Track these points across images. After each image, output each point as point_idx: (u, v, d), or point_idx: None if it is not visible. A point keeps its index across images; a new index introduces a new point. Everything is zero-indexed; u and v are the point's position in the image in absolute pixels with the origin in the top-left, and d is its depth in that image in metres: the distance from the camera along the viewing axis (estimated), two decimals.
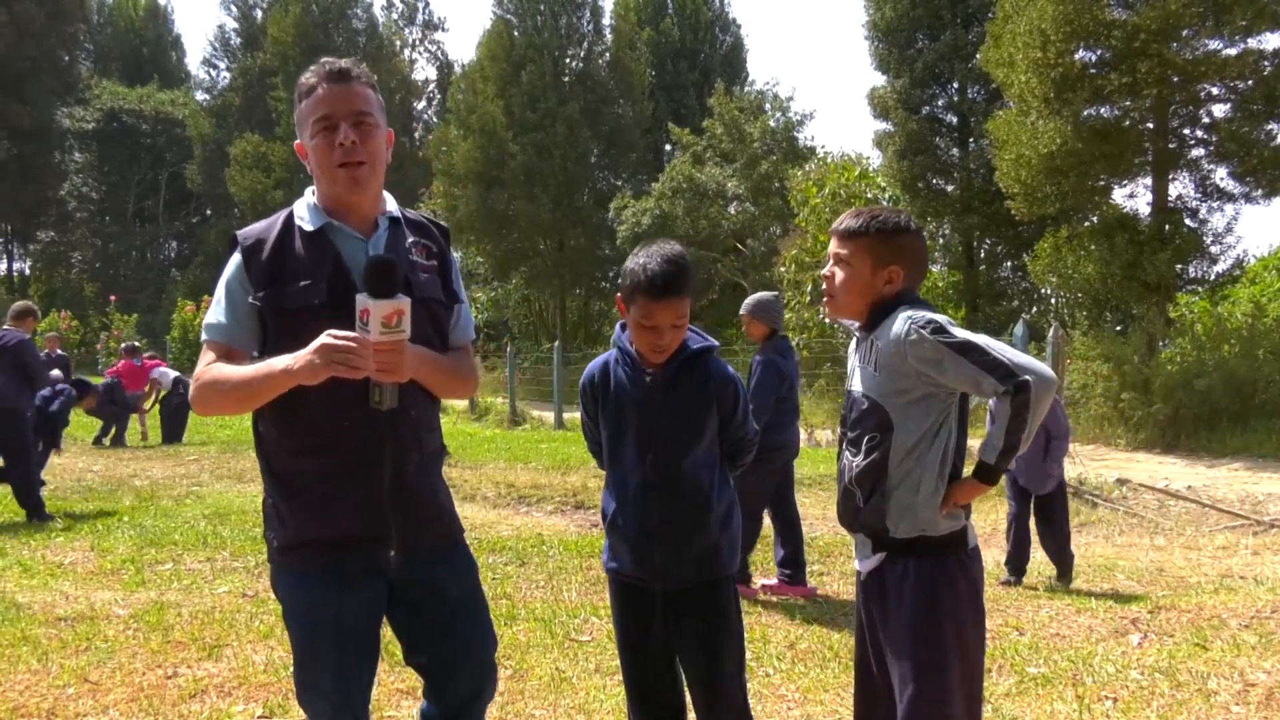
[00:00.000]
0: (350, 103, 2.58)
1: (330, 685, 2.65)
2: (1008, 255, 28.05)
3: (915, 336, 2.65)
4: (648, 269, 2.97)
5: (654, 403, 3.10)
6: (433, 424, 2.80)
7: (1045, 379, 2.59)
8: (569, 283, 39.80)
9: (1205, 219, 19.60)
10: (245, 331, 2.62)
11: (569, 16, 38.82)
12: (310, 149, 2.63)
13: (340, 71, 2.60)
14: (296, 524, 2.63)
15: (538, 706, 4.47)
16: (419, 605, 2.72)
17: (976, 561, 2.80)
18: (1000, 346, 2.64)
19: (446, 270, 2.81)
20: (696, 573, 3.12)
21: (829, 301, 2.94)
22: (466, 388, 2.89)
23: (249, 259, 2.63)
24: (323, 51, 51.10)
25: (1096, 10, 16.42)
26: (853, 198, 19.78)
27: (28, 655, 5.13)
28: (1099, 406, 16.77)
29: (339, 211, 2.65)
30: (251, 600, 6.34)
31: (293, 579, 2.67)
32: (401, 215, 2.77)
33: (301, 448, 2.61)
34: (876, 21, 26.84)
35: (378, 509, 2.61)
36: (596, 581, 6.96)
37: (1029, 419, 2.59)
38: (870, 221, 2.82)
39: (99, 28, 61.82)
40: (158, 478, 12.01)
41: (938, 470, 2.72)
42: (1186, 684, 4.75)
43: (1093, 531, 9.13)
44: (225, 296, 2.65)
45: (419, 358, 2.56)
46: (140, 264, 57.63)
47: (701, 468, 3.13)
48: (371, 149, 2.61)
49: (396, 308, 2.41)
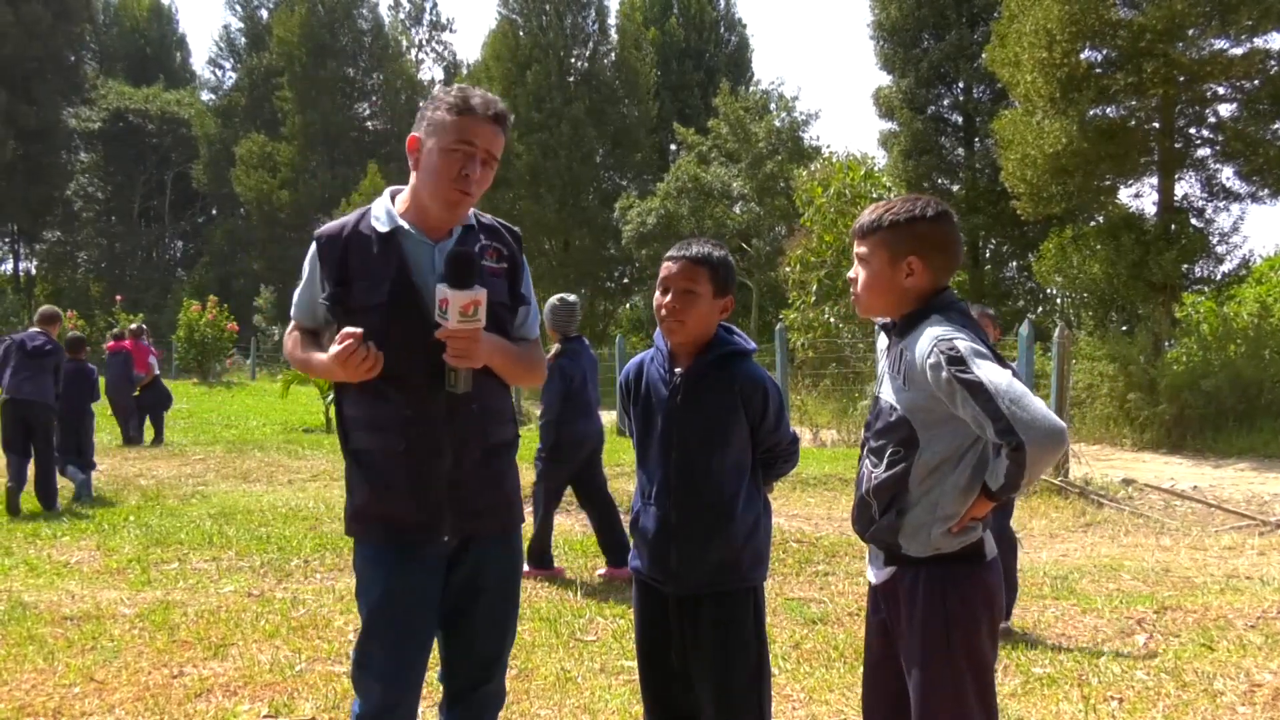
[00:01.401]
0: (491, 143, 2.76)
1: (389, 666, 2.74)
2: (1013, 255, 28.08)
3: (935, 360, 2.55)
4: (679, 244, 3.15)
5: (679, 401, 3.09)
6: (502, 415, 2.91)
7: (1046, 442, 2.44)
8: (574, 282, 39.80)
9: (1211, 219, 19.61)
10: (318, 318, 2.87)
11: (574, 16, 38.89)
12: (437, 158, 2.72)
13: (499, 115, 2.76)
14: (361, 497, 2.80)
15: (543, 706, 4.47)
16: (453, 585, 2.81)
17: (993, 572, 2.73)
18: (1011, 394, 2.46)
19: (516, 273, 2.92)
20: (712, 580, 3.08)
21: (855, 302, 2.86)
22: (534, 375, 3.05)
23: (323, 256, 2.82)
24: (328, 52, 51.26)
25: (1102, 10, 16.42)
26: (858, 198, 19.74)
27: (34, 654, 5.14)
28: (1105, 406, 16.76)
29: (419, 218, 2.79)
30: (257, 600, 6.34)
31: (366, 556, 2.82)
32: (476, 220, 2.89)
33: (368, 427, 2.77)
34: (882, 21, 26.86)
35: (433, 497, 2.72)
36: (602, 581, 6.96)
37: (1024, 475, 2.48)
38: (883, 215, 2.72)
39: (104, 28, 61.94)
40: (163, 477, 12.02)
41: (958, 495, 2.62)
42: (1192, 684, 4.74)
43: (1098, 531, 9.12)
44: (304, 284, 2.88)
45: (493, 345, 2.73)
46: (146, 263, 57.71)
47: (727, 473, 3.09)
48: (485, 183, 2.78)
49: (474, 298, 2.58)
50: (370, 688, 2.76)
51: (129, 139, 55.08)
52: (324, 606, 6.03)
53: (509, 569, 2.93)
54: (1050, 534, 8.96)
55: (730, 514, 3.08)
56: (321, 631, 5.54)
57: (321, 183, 48.99)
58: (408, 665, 2.76)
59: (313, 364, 2.80)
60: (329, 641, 5.31)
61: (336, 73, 52.19)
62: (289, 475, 12.56)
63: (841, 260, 19.15)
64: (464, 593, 2.82)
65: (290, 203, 48.50)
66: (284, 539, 8.31)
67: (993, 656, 2.74)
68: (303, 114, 50.76)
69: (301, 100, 50.98)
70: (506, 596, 2.92)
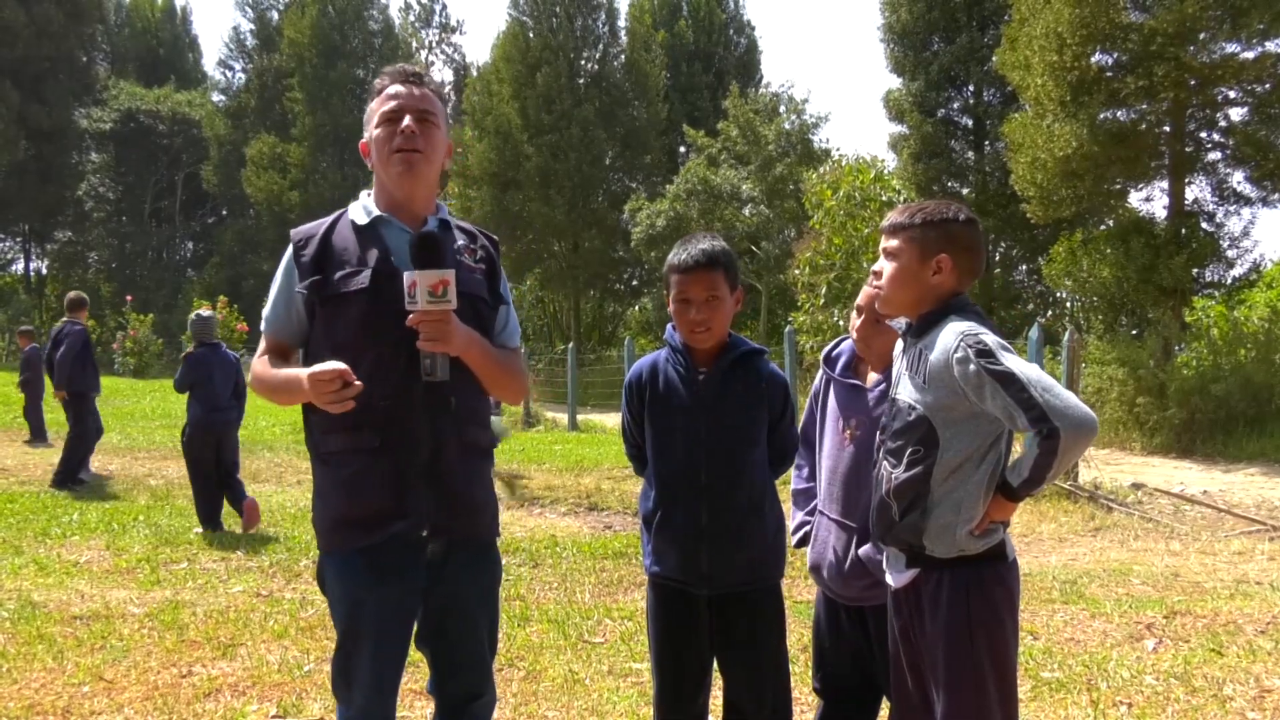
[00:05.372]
0: (417, 101, 2.75)
1: (364, 675, 2.71)
2: (1023, 259, 28.03)
3: (962, 354, 2.57)
4: (678, 249, 3.13)
5: (707, 401, 3.09)
6: (477, 418, 2.84)
7: (1080, 429, 2.47)
8: (583, 284, 39.87)
9: (1222, 223, 19.57)
10: (293, 324, 2.79)
11: (584, 19, 38.91)
12: (373, 141, 2.78)
13: (413, 74, 2.79)
14: (333, 502, 2.74)
15: (551, 708, 4.48)
16: (432, 600, 2.76)
17: (1014, 574, 2.74)
18: (1043, 383, 2.51)
19: (494, 275, 2.91)
20: (745, 578, 3.10)
21: (879, 298, 2.87)
22: (515, 386, 2.93)
23: (299, 253, 2.77)
24: (338, 53, 51.46)
25: (1113, 13, 16.39)
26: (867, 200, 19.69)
27: (43, 653, 5.16)
28: (1114, 411, 16.71)
29: (392, 207, 2.79)
30: (266, 600, 6.36)
31: (335, 566, 2.75)
32: (451, 221, 2.87)
33: (338, 425, 2.67)
34: (892, 24, 26.83)
35: (410, 487, 2.67)
36: (610, 583, 6.96)
37: (1055, 464, 2.50)
38: (916, 213, 2.77)
39: (116, 29, 62.09)
40: (173, 477, 12.04)
41: (981, 493, 2.64)
42: (1202, 690, 4.73)
43: (1108, 536, 9.09)
44: (277, 290, 2.81)
45: (469, 335, 2.67)
46: (156, 264, 57.83)
47: (757, 471, 3.12)
48: (430, 142, 2.75)
49: (442, 278, 2.54)
50: (350, 698, 2.75)
51: (140, 140, 55.20)
52: None
53: (489, 580, 2.90)
54: (1059, 538, 8.94)
55: (761, 511, 3.12)
56: (330, 632, 5.52)
57: (331, 184, 49.09)
58: (389, 674, 2.75)
59: (281, 381, 2.68)
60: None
61: (346, 74, 52.28)
62: (297, 475, 12.58)
63: (851, 263, 19.11)
64: (444, 608, 2.77)
65: (300, 204, 48.55)
66: (292, 539, 8.34)
67: (1015, 658, 2.74)
68: (313, 115, 50.88)
69: (311, 101, 51.10)
70: (488, 607, 2.88)
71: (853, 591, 3.12)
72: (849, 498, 3.13)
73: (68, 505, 9.87)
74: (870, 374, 3.22)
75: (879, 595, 3.04)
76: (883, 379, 3.14)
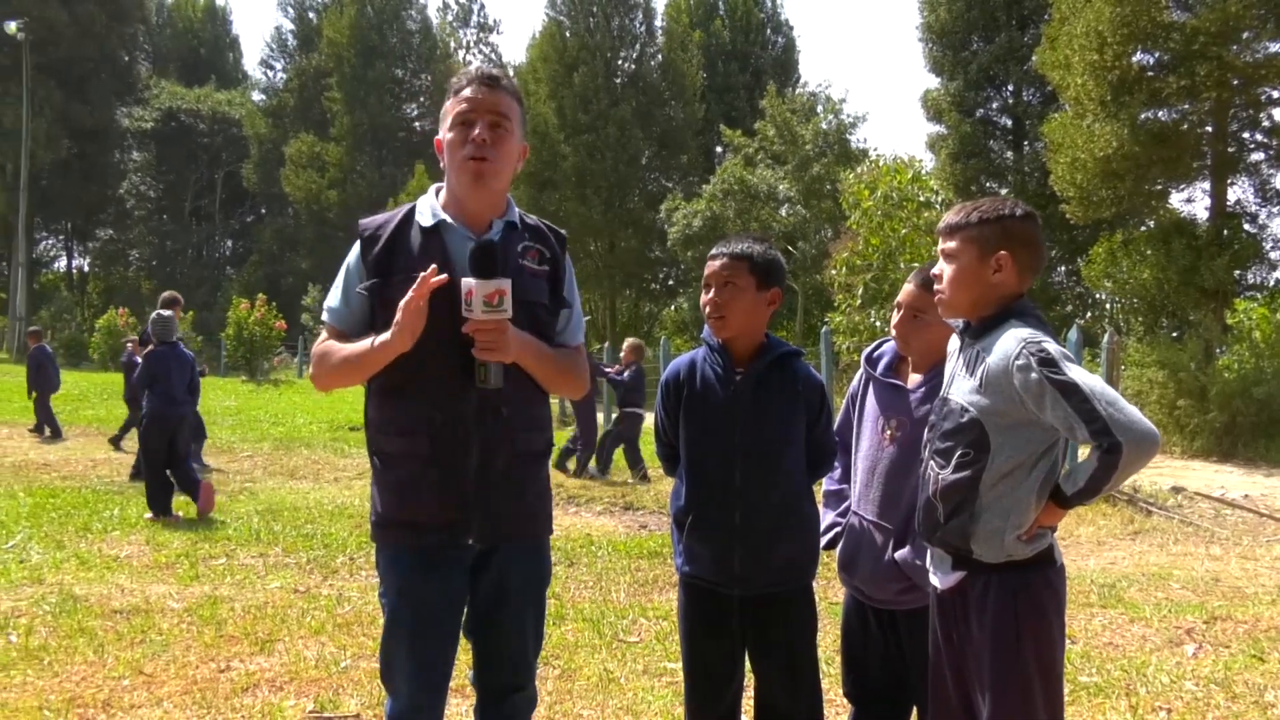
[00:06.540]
0: (493, 104, 2.72)
1: (410, 665, 2.74)
2: (1062, 260, 27.78)
3: (1024, 361, 2.52)
4: (723, 239, 3.18)
5: (743, 401, 3.08)
6: (533, 423, 2.85)
7: (1142, 444, 2.42)
8: (619, 284, 39.88)
9: (1265, 224, 19.41)
10: (355, 316, 2.79)
11: (621, 18, 38.91)
12: (446, 143, 2.76)
13: (490, 76, 2.76)
14: (384, 502, 2.77)
15: (586, 706, 4.48)
16: (480, 590, 2.79)
17: (1061, 578, 2.70)
18: (1106, 396, 2.45)
19: (558, 276, 2.88)
20: (778, 579, 3.09)
21: (939, 300, 2.82)
22: (575, 384, 2.96)
23: (365, 248, 2.79)
24: (376, 53, 51.71)
25: (1155, 12, 16.23)
26: (905, 201, 19.63)
27: (84, 647, 5.21)
28: (1154, 414, 16.54)
29: (458, 209, 2.78)
30: (303, 596, 6.40)
31: (387, 558, 2.80)
32: (520, 220, 2.85)
33: (394, 429, 2.74)
34: (931, 24, 26.69)
35: (458, 497, 2.69)
36: (645, 582, 6.96)
37: (1114, 478, 2.46)
38: (972, 211, 2.73)
39: (158, 28, 62.77)
40: (211, 474, 12.14)
41: (1033, 500, 2.59)
42: (1242, 696, 4.68)
43: (1147, 540, 9.01)
44: (343, 282, 2.82)
45: (523, 341, 2.66)
46: (196, 262, 58.44)
47: (794, 472, 3.12)
48: (501, 150, 2.72)
49: (498, 288, 2.53)
50: (398, 689, 2.77)
51: (181, 139, 55.81)
52: (369, 604, 6.07)
53: (537, 576, 2.92)
54: (1098, 541, 8.87)
55: (798, 512, 3.12)
56: (366, 628, 5.58)
57: (369, 183, 49.40)
58: (431, 666, 2.76)
59: (352, 352, 2.69)
60: (374, 639, 5.33)
61: (385, 73, 52.62)
62: (335, 473, 12.66)
63: (888, 264, 19.05)
64: (491, 599, 2.79)
65: (338, 202, 48.92)
66: (330, 536, 8.38)
67: (1062, 663, 2.71)
68: (351, 114, 51.22)
69: (350, 101, 51.44)
70: (534, 603, 2.89)
71: (886, 594, 3.10)
72: (887, 499, 3.11)
73: (109, 500, 9.97)
74: (912, 375, 3.20)
75: (912, 599, 3.02)
76: (924, 380, 3.12)
